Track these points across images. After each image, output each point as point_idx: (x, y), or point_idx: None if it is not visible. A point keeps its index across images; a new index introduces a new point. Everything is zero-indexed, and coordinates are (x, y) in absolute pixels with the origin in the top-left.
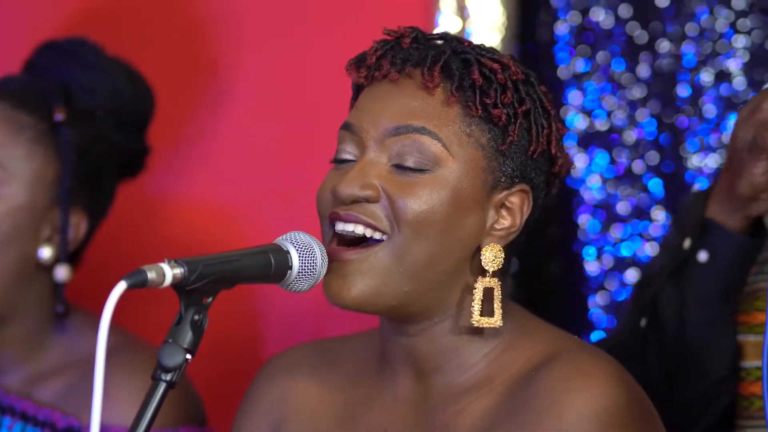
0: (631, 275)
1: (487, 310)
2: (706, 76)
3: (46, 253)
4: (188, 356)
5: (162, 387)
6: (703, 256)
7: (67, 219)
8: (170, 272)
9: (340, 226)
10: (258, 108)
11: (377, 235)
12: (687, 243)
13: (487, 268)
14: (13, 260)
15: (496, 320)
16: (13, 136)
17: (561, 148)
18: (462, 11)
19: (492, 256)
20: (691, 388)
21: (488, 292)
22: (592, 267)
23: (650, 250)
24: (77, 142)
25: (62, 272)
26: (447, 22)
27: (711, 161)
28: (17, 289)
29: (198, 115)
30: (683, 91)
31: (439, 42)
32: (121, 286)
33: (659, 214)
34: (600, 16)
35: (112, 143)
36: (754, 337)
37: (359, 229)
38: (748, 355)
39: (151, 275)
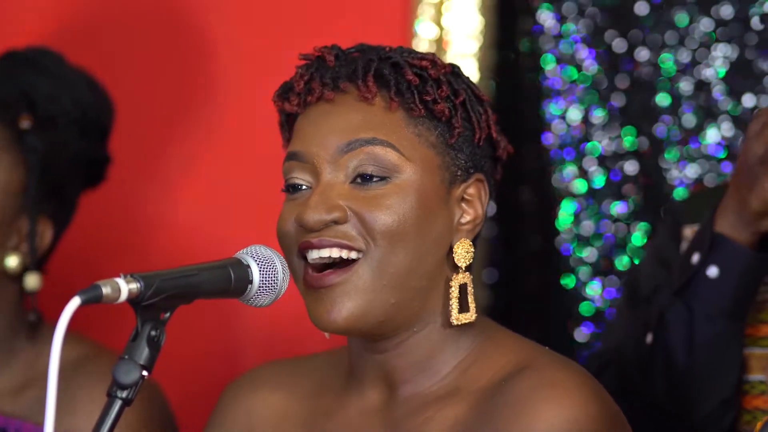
0: (611, 286)
1: (462, 308)
2: (686, 85)
3: (12, 261)
4: (144, 373)
5: (117, 404)
6: (713, 271)
7: (34, 227)
8: (126, 287)
9: (314, 254)
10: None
11: (353, 255)
12: (696, 258)
13: (460, 264)
14: None
15: (471, 314)
16: None
17: (500, 133)
18: (440, 19)
19: (464, 252)
20: (698, 407)
21: (461, 289)
22: (570, 278)
23: (629, 260)
24: (43, 150)
25: (32, 280)
26: (425, 30)
27: (690, 171)
28: None
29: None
30: (663, 100)
31: (361, 53)
32: (75, 302)
33: (638, 225)
34: (579, 24)
35: (76, 151)
36: (758, 350)
37: (335, 253)
38: (752, 368)
39: (106, 290)
